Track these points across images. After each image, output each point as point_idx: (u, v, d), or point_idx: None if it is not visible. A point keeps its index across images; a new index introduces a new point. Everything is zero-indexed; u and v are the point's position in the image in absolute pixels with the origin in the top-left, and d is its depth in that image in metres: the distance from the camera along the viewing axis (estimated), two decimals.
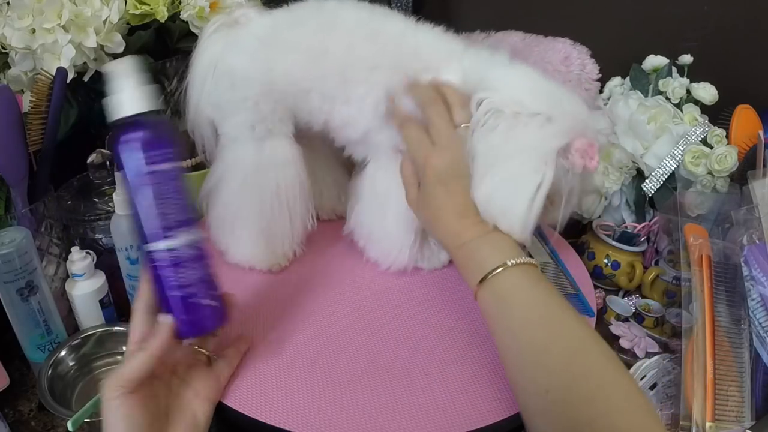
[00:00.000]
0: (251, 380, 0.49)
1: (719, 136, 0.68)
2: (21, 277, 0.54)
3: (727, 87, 0.74)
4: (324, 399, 0.47)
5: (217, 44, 0.57)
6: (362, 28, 0.55)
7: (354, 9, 0.55)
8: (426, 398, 0.47)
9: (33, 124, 0.60)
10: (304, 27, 0.55)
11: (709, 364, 0.51)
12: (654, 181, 0.71)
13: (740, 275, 0.57)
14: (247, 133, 0.57)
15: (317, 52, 0.54)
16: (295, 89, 0.56)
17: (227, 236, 0.61)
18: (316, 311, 0.57)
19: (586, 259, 0.72)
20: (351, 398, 0.47)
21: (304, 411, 0.46)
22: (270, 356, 0.51)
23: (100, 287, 0.61)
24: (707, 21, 0.81)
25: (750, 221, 0.58)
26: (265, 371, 0.50)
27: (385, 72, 0.54)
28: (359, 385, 0.48)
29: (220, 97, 0.57)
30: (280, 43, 0.55)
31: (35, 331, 0.58)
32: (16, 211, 0.60)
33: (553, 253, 0.67)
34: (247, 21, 0.58)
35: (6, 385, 0.58)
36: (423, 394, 0.47)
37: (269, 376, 0.49)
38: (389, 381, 0.49)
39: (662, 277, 0.70)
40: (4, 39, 0.64)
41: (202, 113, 0.59)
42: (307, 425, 0.45)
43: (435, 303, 0.57)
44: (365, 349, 0.52)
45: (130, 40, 0.69)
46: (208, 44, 0.57)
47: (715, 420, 0.49)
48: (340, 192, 0.69)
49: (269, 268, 0.61)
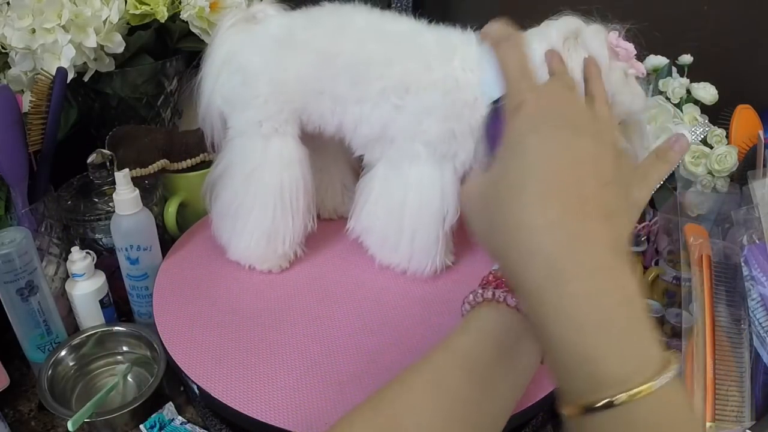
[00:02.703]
0: (251, 380, 0.49)
1: (719, 136, 0.68)
2: (21, 277, 0.54)
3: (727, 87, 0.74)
4: (324, 399, 0.47)
5: (234, 39, 0.58)
6: (372, 28, 0.55)
7: (366, 12, 0.56)
8: None
9: (33, 124, 0.60)
10: (318, 30, 0.56)
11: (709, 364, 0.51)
12: None
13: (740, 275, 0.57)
14: (254, 129, 0.57)
15: (330, 55, 0.55)
16: (307, 91, 0.56)
17: (229, 231, 0.62)
18: (316, 311, 0.57)
19: None
20: (351, 398, 0.47)
21: (304, 411, 0.46)
22: (270, 356, 0.51)
23: (100, 287, 0.61)
24: (707, 21, 0.81)
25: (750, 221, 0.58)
26: (265, 371, 0.50)
27: (400, 65, 0.54)
28: (359, 385, 0.48)
29: (231, 92, 0.58)
30: (294, 45, 0.56)
31: (35, 331, 0.58)
32: (16, 211, 0.60)
33: None
34: (265, 17, 0.58)
35: (6, 385, 0.58)
36: None
37: (269, 376, 0.49)
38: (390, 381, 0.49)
39: (662, 277, 0.70)
40: (4, 39, 0.64)
41: (214, 105, 0.59)
42: (307, 425, 0.45)
43: (435, 303, 0.57)
44: (365, 349, 0.52)
45: (130, 40, 0.69)
46: (225, 38, 0.58)
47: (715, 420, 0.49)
48: (345, 192, 0.69)
49: (269, 269, 0.62)
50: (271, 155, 0.57)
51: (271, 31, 0.57)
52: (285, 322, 0.55)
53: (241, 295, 0.59)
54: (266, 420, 0.45)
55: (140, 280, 0.61)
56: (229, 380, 0.49)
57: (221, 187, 0.60)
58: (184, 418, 0.55)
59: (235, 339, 0.53)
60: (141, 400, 0.53)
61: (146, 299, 0.62)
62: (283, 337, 0.53)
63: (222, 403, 0.47)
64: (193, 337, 0.54)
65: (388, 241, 0.60)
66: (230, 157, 0.60)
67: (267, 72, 0.56)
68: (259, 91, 0.56)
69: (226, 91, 0.58)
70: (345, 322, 0.55)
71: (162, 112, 0.77)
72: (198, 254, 0.65)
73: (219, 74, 0.58)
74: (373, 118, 0.55)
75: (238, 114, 0.58)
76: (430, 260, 0.59)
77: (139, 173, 0.67)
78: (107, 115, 0.75)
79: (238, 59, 0.57)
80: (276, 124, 0.57)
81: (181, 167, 0.72)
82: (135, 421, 0.54)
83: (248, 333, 0.54)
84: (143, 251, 0.60)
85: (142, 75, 0.72)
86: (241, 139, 0.59)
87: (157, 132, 0.72)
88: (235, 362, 0.51)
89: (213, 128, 0.61)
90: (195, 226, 0.69)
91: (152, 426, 0.54)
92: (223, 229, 0.62)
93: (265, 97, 0.56)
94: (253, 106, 0.57)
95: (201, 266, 0.63)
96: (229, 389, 0.48)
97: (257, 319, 0.56)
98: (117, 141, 0.69)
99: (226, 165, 0.60)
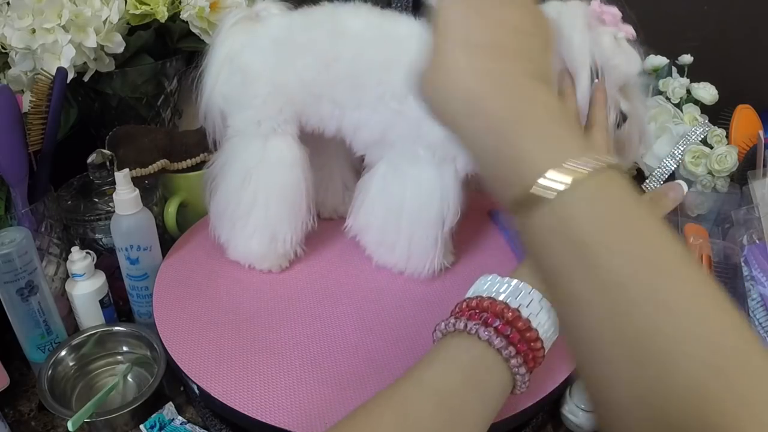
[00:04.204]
0: (251, 380, 0.49)
1: (719, 136, 0.68)
2: (21, 277, 0.54)
3: (727, 87, 0.74)
4: (323, 399, 0.47)
5: (236, 37, 0.58)
6: (372, 32, 0.55)
7: (365, 13, 0.56)
8: None
9: (33, 124, 0.60)
10: (317, 31, 0.56)
11: None
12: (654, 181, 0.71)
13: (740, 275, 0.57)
14: (253, 128, 0.57)
15: (329, 58, 0.55)
16: (306, 93, 0.56)
17: (227, 230, 0.62)
18: (316, 311, 0.57)
19: None
20: (351, 398, 0.47)
21: (303, 411, 0.46)
22: (270, 356, 0.51)
23: (100, 287, 0.61)
24: (707, 21, 0.81)
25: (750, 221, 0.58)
26: (265, 371, 0.50)
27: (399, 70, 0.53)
28: (359, 385, 0.48)
29: (231, 91, 0.58)
30: (293, 46, 0.56)
31: (35, 331, 0.58)
32: (16, 211, 0.60)
33: None
34: (268, 16, 0.58)
35: (6, 385, 0.58)
36: None
37: (269, 376, 0.49)
38: (390, 381, 0.48)
39: None
40: (4, 39, 0.64)
41: (214, 103, 0.60)
42: (306, 425, 0.45)
43: (435, 304, 0.57)
44: (366, 349, 0.52)
45: (130, 40, 0.69)
46: (228, 36, 0.58)
47: None
48: (345, 192, 0.69)
49: (269, 269, 0.62)
50: (270, 155, 0.57)
51: (270, 32, 0.57)
52: (285, 322, 0.55)
53: (241, 295, 0.59)
54: (266, 420, 0.45)
55: (140, 280, 0.61)
56: (229, 380, 0.49)
57: (219, 186, 0.61)
58: (184, 418, 0.55)
59: (235, 339, 0.53)
60: (141, 400, 0.53)
61: (146, 299, 0.62)
62: (283, 337, 0.53)
63: (222, 403, 0.47)
64: (193, 337, 0.54)
65: (385, 240, 0.59)
66: (228, 156, 0.60)
67: (266, 73, 0.56)
68: (258, 91, 0.56)
69: (226, 90, 0.59)
70: (345, 322, 0.55)
71: (162, 112, 0.77)
72: (198, 254, 0.65)
73: (220, 73, 0.58)
74: (373, 122, 0.55)
75: (237, 113, 0.58)
76: (428, 262, 0.59)
77: (139, 173, 0.67)
78: (107, 115, 0.75)
79: (238, 59, 0.57)
80: (275, 123, 0.57)
81: (181, 167, 0.72)
82: (135, 421, 0.54)
83: (248, 333, 0.54)
84: (143, 251, 0.60)
85: (142, 75, 0.72)
86: (240, 138, 0.59)
87: (157, 132, 0.72)
88: (235, 362, 0.51)
89: (214, 126, 0.61)
90: (195, 226, 0.69)
91: (152, 426, 0.54)
92: (222, 228, 0.62)
93: (264, 98, 0.56)
94: (252, 105, 0.57)
95: (201, 266, 0.63)
96: (229, 389, 0.48)
97: (257, 319, 0.56)
98: (117, 141, 0.69)
99: (224, 163, 0.60)
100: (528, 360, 0.39)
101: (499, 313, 0.39)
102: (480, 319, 0.40)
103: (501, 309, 0.39)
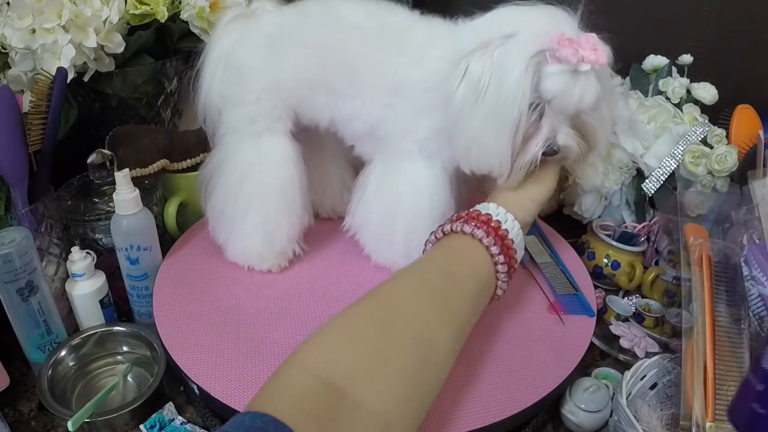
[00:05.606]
0: (251, 380, 0.49)
1: (719, 136, 0.68)
2: (21, 277, 0.54)
3: (727, 87, 0.74)
4: None
5: (232, 35, 0.58)
6: (366, 23, 0.55)
7: (362, 4, 0.56)
8: None
9: (33, 124, 0.60)
10: (311, 24, 0.56)
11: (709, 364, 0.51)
12: (654, 181, 0.71)
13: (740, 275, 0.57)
14: (247, 126, 0.58)
15: (324, 50, 0.55)
16: (303, 86, 0.56)
17: (225, 231, 0.62)
18: (316, 311, 0.57)
19: (586, 259, 0.71)
20: None
21: None
22: (270, 356, 0.51)
23: (100, 287, 0.61)
24: (707, 21, 0.81)
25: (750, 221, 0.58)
26: (265, 371, 0.50)
27: (390, 63, 0.54)
28: None
29: (227, 88, 0.59)
30: (288, 41, 0.56)
31: (35, 331, 0.58)
32: (16, 211, 0.60)
33: (553, 252, 0.67)
34: (263, 14, 0.59)
35: (6, 385, 0.58)
36: None
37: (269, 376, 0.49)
38: None
39: (662, 277, 0.70)
40: (4, 39, 0.64)
41: (212, 101, 0.60)
42: None
43: None
44: None
45: (130, 40, 0.69)
46: (223, 34, 0.59)
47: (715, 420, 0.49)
48: (343, 191, 0.69)
49: (268, 269, 0.62)
50: (264, 153, 0.58)
51: (264, 29, 0.57)
52: (285, 322, 0.55)
53: (241, 294, 0.59)
54: None
55: (140, 280, 0.61)
56: (229, 380, 0.49)
57: (215, 186, 0.61)
58: (184, 418, 0.55)
59: (235, 339, 0.53)
60: (141, 400, 0.53)
61: (146, 299, 0.62)
62: (282, 336, 0.53)
63: (222, 403, 0.47)
64: (193, 337, 0.54)
65: (383, 238, 0.60)
66: (223, 155, 0.60)
67: (260, 70, 0.56)
68: (252, 88, 0.57)
69: (222, 87, 0.59)
70: None
71: (162, 112, 0.77)
72: (198, 254, 0.65)
73: (216, 70, 0.59)
74: (364, 114, 0.56)
75: (231, 110, 0.59)
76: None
77: (139, 173, 0.67)
78: (107, 115, 0.75)
79: (234, 56, 0.58)
80: (268, 121, 0.57)
81: (181, 167, 0.72)
82: (135, 421, 0.54)
83: (248, 333, 0.54)
84: (143, 251, 0.60)
85: (142, 75, 0.72)
86: (233, 136, 0.59)
87: (157, 132, 0.72)
88: (235, 362, 0.51)
89: (213, 124, 0.61)
90: (195, 226, 0.69)
91: (152, 426, 0.54)
92: (220, 229, 0.62)
93: (258, 94, 0.56)
94: (246, 102, 0.57)
95: (201, 266, 0.63)
96: (229, 389, 0.48)
97: (257, 318, 0.56)
98: (117, 141, 0.69)
99: (219, 162, 0.60)
100: (504, 252, 0.49)
101: (485, 220, 0.50)
102: (466, 221, 0.50)
103: (486, 218, 0.50)
